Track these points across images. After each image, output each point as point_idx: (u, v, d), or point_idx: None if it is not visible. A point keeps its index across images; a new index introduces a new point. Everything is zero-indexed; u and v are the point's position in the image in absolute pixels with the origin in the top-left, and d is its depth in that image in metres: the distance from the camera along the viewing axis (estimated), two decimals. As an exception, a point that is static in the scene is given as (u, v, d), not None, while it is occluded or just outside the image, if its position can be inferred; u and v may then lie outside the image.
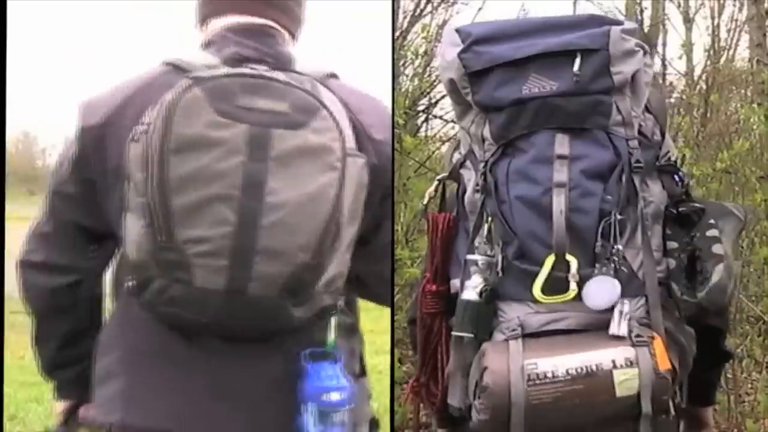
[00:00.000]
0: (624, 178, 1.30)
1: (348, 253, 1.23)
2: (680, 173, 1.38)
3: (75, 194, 1.29)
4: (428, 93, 6.36)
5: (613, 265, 1.26)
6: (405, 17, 5.94)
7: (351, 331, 1.34)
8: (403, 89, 5.57)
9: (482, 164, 1.34)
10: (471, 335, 1.30)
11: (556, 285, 1.27)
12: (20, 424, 4.05)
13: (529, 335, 1.28)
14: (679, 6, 9.97)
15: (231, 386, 1.21)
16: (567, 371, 1.22)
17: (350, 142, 1.21)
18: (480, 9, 5.92)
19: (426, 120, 6.62)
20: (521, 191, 1.30)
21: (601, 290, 1.25)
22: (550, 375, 1.21)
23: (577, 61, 1.30)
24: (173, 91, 1.15)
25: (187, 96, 1.13)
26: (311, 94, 1.19)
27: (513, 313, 1.31)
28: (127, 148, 1.16)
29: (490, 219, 1.33)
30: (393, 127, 1.38)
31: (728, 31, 9.09)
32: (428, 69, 6.38)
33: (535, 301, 1.29)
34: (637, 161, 1.32)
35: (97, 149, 1.24)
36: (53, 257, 1.32)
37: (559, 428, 1.26)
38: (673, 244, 1.33)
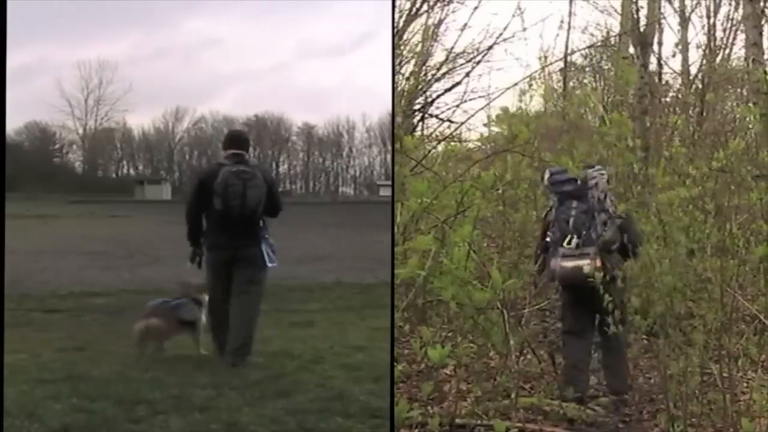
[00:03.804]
0: (593, 213, 4.51)
1: (263, 204, 5.25)
2: (610, 210, 4.53)
3: (197, 197, 5.30)
4: (424, 92, 6.30)
5: (590, 238, 4.53)
6: (401, 16, 5.91)
7: (266, 223, 5.48)
8: (399, 88, 5.54)
9: (555, 209, 4.63)
10: (541, 254, 4.78)
11: (571, 242, 4.49)
12: (38, 422, 4.01)
13: (562, 255, 4.50)
14: (674, 5, 9.98)
15: (238, 236, 5.23)
16: (573, 265, 4.41)
17: (261, 180, 5.25)
18: (476, 8, 5.95)
19: (422, 119, 6.59)
20: (564, 216, 4.56)
21: (586, 245, 4.55)
22: (568, 266, 4.44)
23: (579, 180, 4.50)
24: (228, 172, 5.13)
25: (229, 172, 5.14)
26: (254, 172, 5.27)
27: (560, 250, 4.49)
28: (216, 186, 5.11)
29: (557, 223, 4.59)
30: (393, 127, 1.88)
31: (724, 30, 9.09)
32: (424, 68, 6.32)
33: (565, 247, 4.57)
34: (597, 209, 4.52)
35: (204, 185, 5.23)
36: (191, 212, 5.34)
37: (569, 282, 4.49)
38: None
